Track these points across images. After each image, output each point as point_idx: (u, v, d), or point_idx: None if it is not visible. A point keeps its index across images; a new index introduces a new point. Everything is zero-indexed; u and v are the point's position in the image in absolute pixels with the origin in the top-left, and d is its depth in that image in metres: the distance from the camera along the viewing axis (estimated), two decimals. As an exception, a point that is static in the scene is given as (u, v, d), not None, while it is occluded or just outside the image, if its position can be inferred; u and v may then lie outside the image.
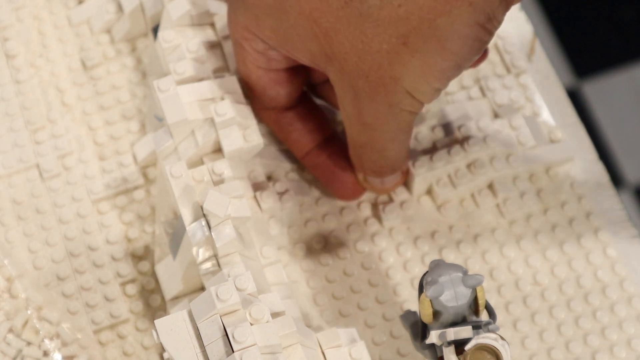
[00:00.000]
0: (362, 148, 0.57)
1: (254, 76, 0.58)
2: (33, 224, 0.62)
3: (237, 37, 0.57)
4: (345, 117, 0.56)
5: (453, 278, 0.48)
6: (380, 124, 0.55)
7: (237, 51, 0.58)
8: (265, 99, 0.59)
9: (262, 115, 0.61)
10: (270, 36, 0.55)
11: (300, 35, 0.53)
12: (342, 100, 0.55)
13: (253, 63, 0.57)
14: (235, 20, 0.56)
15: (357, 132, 0.56)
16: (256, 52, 0.56)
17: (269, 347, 0.49)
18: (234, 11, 0.56)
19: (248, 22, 0.55)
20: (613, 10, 1.35)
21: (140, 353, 0.59)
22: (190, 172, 0.56)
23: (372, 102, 0.53)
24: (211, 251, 0.55)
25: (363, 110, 0.54)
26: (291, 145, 0.61)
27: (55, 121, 0.64)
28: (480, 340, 0.47)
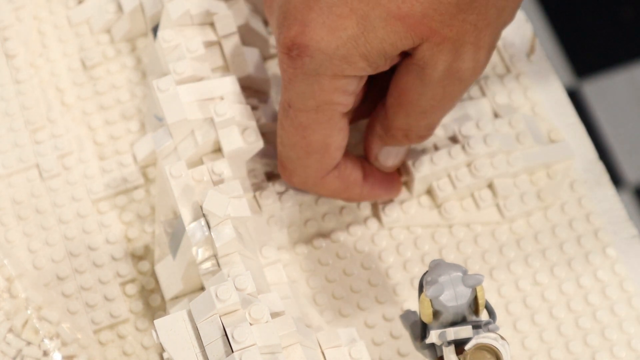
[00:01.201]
0: (424, 114, 0.56)
1: (336, 130, 0.56)
2: (33, 224, 0.62)
3: (322, 99, 0.54)
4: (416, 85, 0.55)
5: (453, 278, 0.48)
6: (473, 77, 0.55)
7: (317, 119, 0.55)
8: (337, 155, 0.57)
9: (325, 181, 0.58)
10: (364, 66, 0.53)
11: (393, 43, 0.52)
12: (431, 69, 0.54)
13: (341, 112, 0.55)
14: (318, 83, 0.54)
15: (431, 97, 0.55)
16: (349, 96, 0.55)
17: (268, 347, 0.49)
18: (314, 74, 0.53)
19: (336, 69, 0.53)
20: (613, 10, 1.35)
21: (140, 353, 0.59)
22: (190, 172, 0.56)
23: (476, 52, 0.53)
24: (211, 251, 0.55)
25: (462, 67, 0.54)
26: (352, 188, 0.59)
27: (55, 121, 0.64)
28: (480, 340, 0.47)
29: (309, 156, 0.57)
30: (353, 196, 0.60)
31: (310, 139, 0.56)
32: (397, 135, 0.58)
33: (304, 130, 0.56)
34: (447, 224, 0.62)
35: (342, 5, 0.52)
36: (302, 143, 0.56)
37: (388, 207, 0.62)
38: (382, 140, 0.59)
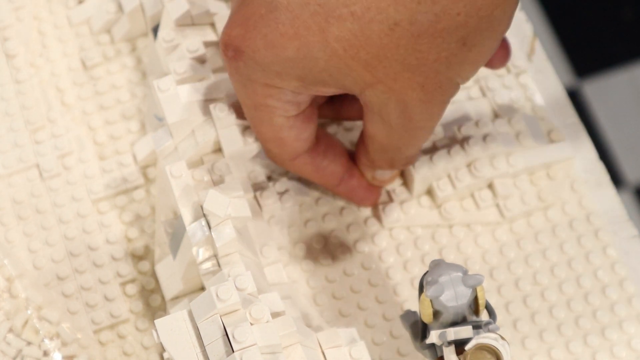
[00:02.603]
0: (399, 149, 0.57)
1: (286, 127, 0.56)
2: (33, 224, 0.62)
3: (257, 101, 0.54)
4: (380, 129, 0.55)
5: (453, 278, 0.48)
6: (431, 123, 0.54)
7: (258, 116, 0.55)
8: (298, 144, 0.57)
9: (295, 164, 0.59)
10: (297, 85, 0.53)
11: (333, 76, 0.52)
12: (386, 115, 0.54)
13: (282, 115, 0.55)
14: (250, 86, 0.54)
15: (397, 138, 0.55)
16: (284, 103, 0.55)
17: (269, 347, 0.49)
18: (247, 78, 0.53)
19: (269, 80, 0.53)
20: (613, 10, 1.35)
21: (140, 353, 0.59)
22: (190, 172, 0.56)
23: (426, 107, 0.53)
24: (211, 251, 0.55)
25: (415, 117, 0.53)
26: (328, 178, 0.60)
27: (55, 121, 0.64)
28: (480, 340, 0.47)
29: (266, 143, 0.57)
30: (329, 185, 0.61)
31: (260, 130, 0.56)
32: (383, 166, 0.59)
33: (252, 120, 0.56)
34: (447, 224, 0.62)
35: (289, 25, 0.51)
36: (256, 133, 0.57)
37: (388, 207, 0.62)
38: (372, 169, 0.60)
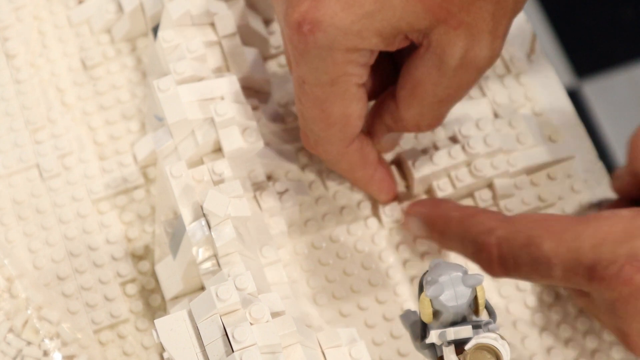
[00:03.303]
0: (439, 101, 0.56)
1: (355, 100, 0.56)
2: (33, 224, 0.62)
3: (336, 72, 0.54)
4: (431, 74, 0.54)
5: (453, 277, 0.48)
6: (489, 65, 0.54)
7: (334, 92, 0.55)
8: (359, 124, 0.57)
9: (348, 151, 0.58)
10: (377, 41, 0.53)
11: (409, 22, 0.52)
12: (449, 56, 0.53)
13: (357, 84, 0.55)
14: (330, 57, 0.53)
15: (445, 86, 0.55)
16: (362, 67, 0.54)
17: (268, 346, 0.49)
18: (327, 48, 0.53)
19: (349, 43, 0.53)
20: (613, 10, 1.35)
21: (140, 353, 0.59)
22: (190, 171, 0.56)
23: (493, 41, 0.53)
24: (211, 251, 0.55)
25: (479, 54, 0.53)
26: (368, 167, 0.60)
27: (55, 121, 0.64)
28: (480, 340, 0.47)
29: (330, 128, 0.57)
30: (365, 176, 0.60)
31: (329, 111, 0.56)
32: (408, 125, 0.58)
33: (322, 104, 0.56)
34: (447, 224, 0.62)
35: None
36: (322, 116, 0.56)
37: (388, 207, 0.62)
38: (389, 129, 0.59)
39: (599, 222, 0.52)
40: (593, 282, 0.51)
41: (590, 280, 0.51)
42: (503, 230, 0.54)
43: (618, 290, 0.50)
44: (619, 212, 0.52)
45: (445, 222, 0.58)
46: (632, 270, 0.49)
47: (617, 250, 0.50)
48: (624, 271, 0.50)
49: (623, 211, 0.52)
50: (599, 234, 0.51)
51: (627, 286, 0.50)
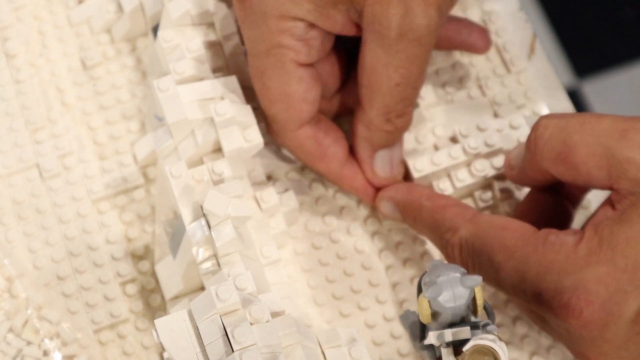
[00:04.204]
0: (396, 86, 0.56)
1: (295, 79, 0.56)
2: (33, 224, 0.62)
3: (271, 41, 0.55)
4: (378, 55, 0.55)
5: (451, 279, 0.48)
6: (429, 35, 0.55)
7: (270, 63, 0.56)
8: (304, 108, 0.57)
9: (298, 136, 0.59)
10: (309, 8, 0.54)
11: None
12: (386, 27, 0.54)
13: (294, 60, 0.56)
14: (264, 23, 0.55)
15: (396, 65, 0.55)
16: (297, 41, 0.55)
17: (268, 346, 0.49)
18: (261, 13, 0.55)
19: (281, 8, 0.54)
20: (613, 10, 1.35)
21: (140, 353, 0.59)
22: (190, 171, 0.56)
23: (426, 9, 0.54)
24: (211, 251, 0.55)
25: (414, 22, 0.54)
26: (329, 160, 0.60)
27: (55, 121, 0.64)
28: (478, 342, 0.47)
29: (272, 105, 0.58)
30: (329, 171, 0.60)
31: (268, 85, 0.57)
32: (380, 124, 0.58)
33: (261, 76, 0.57)
34: (447, 224, 0.62)
35: None
36: (263, 91, 0.57)
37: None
38: (369, 141, 0.59)
39: (545, 248, 0.52)
40: (541, 307, 0.52)
41: (537, 306, 0.52)
42: (465, 231, 0.55)
43: (568, 322, 0.50)
44: (564, 237, 0.52)
45: (417, 211, 0.58)
46: (579, 303, 0.50)
47: (562, 281, 0.50)
48: (571, 304, 0.50)
49: (568, 237, 0.52)
50: (544, 262, 0.51)
51: (577, 319, 0.50)
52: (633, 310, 0.49)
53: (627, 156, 0.51)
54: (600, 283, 0.50)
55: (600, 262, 0.50)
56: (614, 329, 0.50)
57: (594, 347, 0.51)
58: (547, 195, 0.58)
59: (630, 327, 0.50)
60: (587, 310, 0.50)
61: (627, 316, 0.49)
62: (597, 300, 0.49)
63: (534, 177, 0.57)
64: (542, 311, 0.52)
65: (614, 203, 0.52)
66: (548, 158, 0.54)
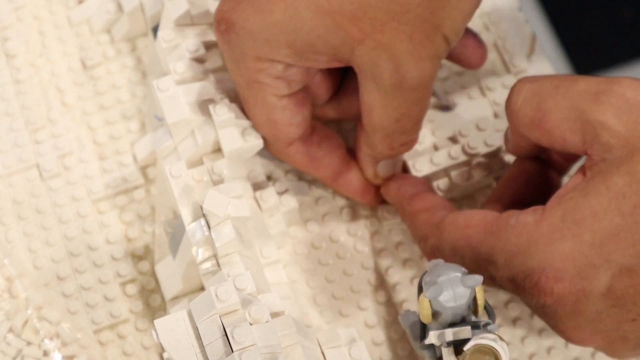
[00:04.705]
0: (397, 122, 0.56)
1: (278, 108, 0.56)
2: (33, 224, 0.62)
3: (249, 77, 0.55)
4: (375, 97, 0.54)
5: (452, 278, 0.48)
6: (424, 84, 0.54)
7: (251, 95, 0.56)
8: (291, 130, 0.57)
9: (289, 152, 0.59)
10: (288, 53, 0.53)
11: (320, 36, 0.52)
12: (379, 77, 0.53)
13: (274, 94, 0.55)
14: (243, 61, 0.54)
15: (394, 106, 0.54)
16: (275, 79, 0.55)
17: (268, 347, 0.49)
18: (239, 51, 0.54)
19: (259, 51, 0.54)
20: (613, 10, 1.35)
21: (140, 353, 0.59)
22: (189, 171, 0.56)
23: (417, 62, 0.52)
24: (211, 251, 0.55)
25: (407, 74, 0.53)
26: (323, 170, 0.60)
27: (55, 121, 0.64)
28: (478, 341, 0.47)
29: (260, 128, 0.58)
30: (325, 179, 0.60)
31: (253, 112, 0.57)
32: (383, 149, 0.58)
33: (246, 103, 0.57)
34: (447, 224, 0.62)
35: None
36: (250, 116, 0.57)
37: (388, 207, 0.62)
38: (374, 158, 0.59)
39: (507, 233, 0.51)
40: (517, 292, 0.51)
41: (514, 290, 0.52)
42: (434, 239, 0.55)
43: (542, 300, 0.50)
44: (525, 218, 0.51)
45: (400, 209, 0.59)
46: (549, 282, 0.49)
47: (529, 263, 0.50)
48: (541, 283, 0.49)
49: (528, 217, 0.51)
50: (508, 248, 0.51)
51: (550, 297, 0.50)
52: (604, 283, 0.49)
53: (600, 120, 0.50)
54: (567, 259, 0.49)
55: (565, 238, 0.49)
56: (587, 303, 0.49)
57: (570, 322, 0.50)
58: (531, 163, 0.58)
59: (603, 300, 0.49)
60: (557, 287, 0.49)
61: (598, 290, 0.49)
62: (566, 277, 0.49)
63: (519, 144, 0.56)
64: (520, 295, 0.51)
65: (585, 170, 0.50)
66: (523, 124, 0.53)
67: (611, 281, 0.49)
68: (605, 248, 0.48)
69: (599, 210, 0.49)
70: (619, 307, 0.49)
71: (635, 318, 0.50)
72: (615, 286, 0.49)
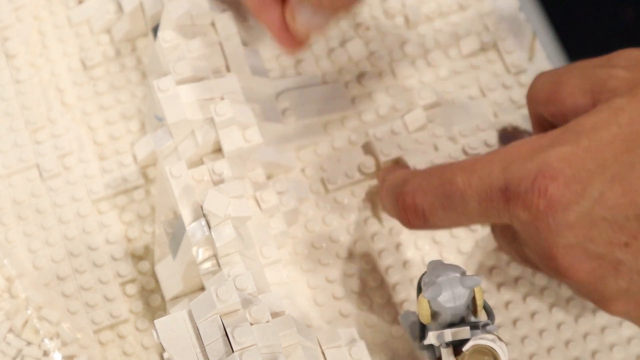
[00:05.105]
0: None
1: None
2: (33, 224, 0.62)
3: None
4: None
5: (451, 279, 0.48)
6: None
7: None
8: None
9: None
10: None
11: None
12: None
13: None
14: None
15: None
16: None
17: (268, 347, 0.49)
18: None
19: None
20: (613, 10, 1.35)
21: (140, 353, 0.59)
22: (190, 172, 0.56)
23: None
24: (211, 251, 0.55)
25: None
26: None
27: (55, 121, 0.64)
28: (477, 342, 0.47)
29: None
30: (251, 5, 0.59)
31: None
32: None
33: None
34: (447, 224, 0.62)
35: None
36: None
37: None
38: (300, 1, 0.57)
39: (507, 148, 0.52)
40: (509, 204, 0.50)
41: (506, 204, 0.51)
42: (418, 178, 0.55)
43: (535, 205, 0.49)
44: (527, 137, 0.52)
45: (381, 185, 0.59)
46: (544, 181, 0.49)
47: (527, 166, 0.50)
48: (537, 183, 0.49)
49: (530, 136, 0.52)
50: (508, 157, 0.51)
51: (543, 198, 0.49)
52: (597, 190, 0.49)
53: (609, 72, 0.51)
54: (563, 160, 0.49)
55: (563, 143, 0.49)
56: (578, 210, 0.49)
57: (561, 239, 0.50)
58: None
59: (595, 209, 0.49)
60: (552, 187, 0.49)
61: (591, 196, 0.49)
62: (561, 177, 0.49)
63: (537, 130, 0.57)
64: (510, 210, 0.51)
65: None
66: (541, 102, 0.54)
67: (603, 187, 0.48)
68: (600, 154, 0.49)
69: (599, 122, 0.50)
70: (611, 222, 0.49)
71: (628, 242, 0.49)
72: (607, 194, 0.49)
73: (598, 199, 0.49)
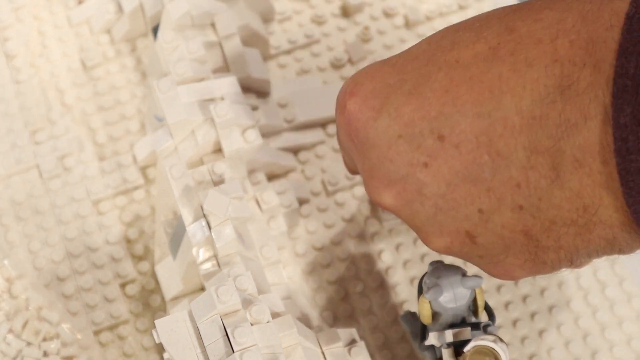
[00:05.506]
0: None
1: None
2: (33, 225, 0.62)
3: None
4: None
5: (452, 280, 0.48)
6: None
7: None
8: None
9: None
10: None
11: None
12: None
13: None
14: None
15: None
16: None
17: (269, 347, 0.49)
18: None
19: None
20: (612, 10, 1.35)
21: (140, 353, 0.59)
22: (190, 172, 0.56)
23: None
24: (211, 251, 0.55)
25: None
26: None
27: (55, 121, 0.64)
28: (478, 342, 0.47)
29: None
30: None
31: None
32: None
33: None
34: (447, 225, 0.62)
35: None
36: None
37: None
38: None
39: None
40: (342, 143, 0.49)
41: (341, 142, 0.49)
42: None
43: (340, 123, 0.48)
44: None
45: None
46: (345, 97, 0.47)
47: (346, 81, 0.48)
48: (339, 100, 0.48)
49: None
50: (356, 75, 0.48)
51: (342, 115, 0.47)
52: (393, 105, 0.46)
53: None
54: (367, 76, 0.47)
55: (376, 64, 0.48)
56: (376, 126, 0.46)
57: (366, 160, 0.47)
58: None
59: (391, 126, 0.45)
60: (350, 102, 0.47)
61: (387, 112, 0.46)
62: (361, 92, 0.47)
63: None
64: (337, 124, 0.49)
65: None
66: None
67: (399, 102, 0.46)
68: (403, 68, 0.46)
69: (414, 47, 0.47)
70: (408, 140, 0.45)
71: (427, 162, 0.45)
72: (401, 108, 0.45)
73: (394, 114, 0.45)
